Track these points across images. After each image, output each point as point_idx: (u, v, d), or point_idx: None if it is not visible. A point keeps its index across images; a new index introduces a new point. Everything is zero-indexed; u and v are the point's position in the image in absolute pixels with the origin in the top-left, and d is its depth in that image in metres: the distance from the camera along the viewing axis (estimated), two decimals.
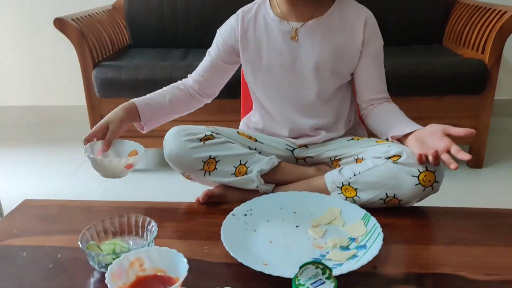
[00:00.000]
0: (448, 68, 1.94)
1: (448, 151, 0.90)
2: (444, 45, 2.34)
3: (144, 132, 1.17)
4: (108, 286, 0.68)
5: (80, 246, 0.79)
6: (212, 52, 1.18)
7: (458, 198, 1.81)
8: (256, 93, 1.17)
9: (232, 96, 1.43)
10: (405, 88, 1.94)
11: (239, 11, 1.15)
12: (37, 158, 2.35)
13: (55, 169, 2.20)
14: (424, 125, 0.99)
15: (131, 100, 1.12)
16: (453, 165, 0.87)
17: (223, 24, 1.18)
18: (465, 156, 0.87)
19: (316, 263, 0.57)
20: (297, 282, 0.55)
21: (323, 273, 0.56)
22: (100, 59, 2.07)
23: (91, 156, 1.00)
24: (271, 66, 1.11)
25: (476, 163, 2.11)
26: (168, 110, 1.18)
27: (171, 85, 1.20)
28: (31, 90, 2.79)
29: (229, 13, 1.18)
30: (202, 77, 1.19)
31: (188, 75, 1.22)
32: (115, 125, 1.05)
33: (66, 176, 2.12)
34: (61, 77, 2.73)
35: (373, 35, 1.11)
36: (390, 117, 1.09)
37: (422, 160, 0.92)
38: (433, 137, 0.94)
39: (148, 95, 1.16)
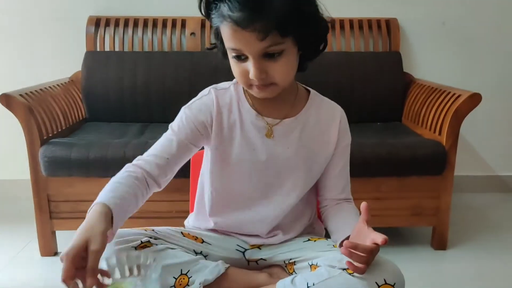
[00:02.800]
0: (409, 149, 1.93)
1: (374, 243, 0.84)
2: (404, 124, 2.37)
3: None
4: None
5: None
6: (178, 131, 1.01)
7: (423, 282, 1.74)
8: (218, 182, 1.05)
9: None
10: (367, 169, 1.91)
11: (211, 91, 1.03)
12: None
13: None
14: (386, 207, 0.93)
15: (102, 202, 0.84)
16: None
17: (191, 101, 1.04)
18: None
19: None
20: None
21: None
22: (50, 135, 1.96)
23: None
24: (243, 159, 1.02)
25: (440, 244, 2.06)
26: (133, 209, 0.93)
27: (125, 174, 0.95)
28: None
29: (191, 89, 1.10)
30: (166, 161, 0.99)
31: (141, 159, 1.00)
32: (98, 245, 0.75)
33: (3, 261, 1.93)
34: (6, 150, 2.58)
35: (345, 132, 1.08)
36: (340, 218, 1.03)
37: (354, 268, 0.85)
38: (359, 236, 0.89)
39: (111, 192, 0.89)
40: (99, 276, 0.75)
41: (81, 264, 0.73)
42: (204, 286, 0.95)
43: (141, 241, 0.93)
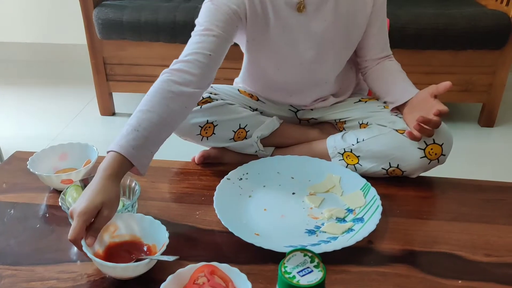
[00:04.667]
0: (469, 20, 1.82)
1: (439, 114, 0.85)
2: None
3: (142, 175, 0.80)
4: (85, 251, 0.66)
5: (60, 205, 0.77)
6: (212, 24, 0.89)
7: (467, 159, 1.77)
8: (258, 72, 1.05)
9: None
10: (420, 41, 1.84)
11: None
12: (37, 98, 2.31)
13: (56, 110, 2.17)
14: (436, 82, 0.92)
15: (113, 151, 0.75)
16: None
17: None
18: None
19: (304, 250, 0.54)
20: (283, 270, 0.52)
21: (312, 261, 0.53)
22: None
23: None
24: (281, 45, 0.98)
25: (487, 121, 2.04)
26: (169, 132, 0.84)
27: (158, 97, 0.82)
28: (31, 27, 2.70)
29: None
30: (209, 58, 0.86)
31: (179, 61, 0.87)
32: (112, 211, 0.71)
33: (67, 118, 2.09)
34: (62, 14, 2.63)
35: None
36: (389, 80, 1.02)
37: (413, 137, 0.88)
38: (423, 105, 0.89)
39: (133, 133, 0.77)
40: None
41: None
42: (260, 140, 1.01)
43: (202, 97, 0.97)
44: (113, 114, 2.11)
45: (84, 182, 0.80)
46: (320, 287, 0.51)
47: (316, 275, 0.52)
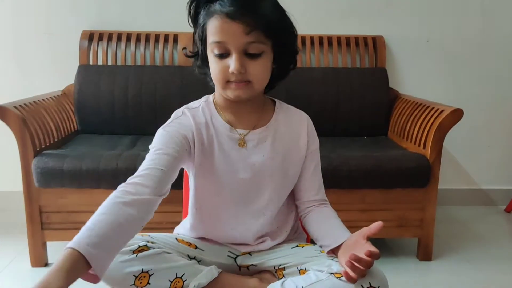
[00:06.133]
0: (393, 162, 1.99)
1: (369, 254, 0.87)
2: (390, 138, 2.43)
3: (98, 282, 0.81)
4: None
5: None
6: (164, 146, 0.98)
7: None
8: (203, 199, 1.10)
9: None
10: (353, 181, 1.96)
11: (185, 111, 1.07)
12: None
13: None
14: (371, 219, 0.97)
15: (69, 248, 0.75)
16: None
17: (167, 122, 1.06)
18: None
19: None
20: None
21: None
22: (43, 146, 1.99)
23: None
24: (223, 172, 1.06)
25: (425, 255, 2.11)
26: (124, 237, 0.86)
27: (112, 202, 0.86)
28: None
29: (182, 102, 1.13)
30: (162, 172, 0.94)
31: (135, 176, 0.93)
32: None
33: None
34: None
35: (313, 137, 1.15)
36: (324, 225, 1.08)
37: (349, 277, 0.90)
38: (355, 247, 0.93)
39: (88, 231, 0.79)
40: None
41: None
42: None
43: (139, 245, 0.97)
44: (46, 265, 1.98)
45: None
46: None
47: None
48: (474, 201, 2.83)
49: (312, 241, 1.13)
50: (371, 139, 2.40)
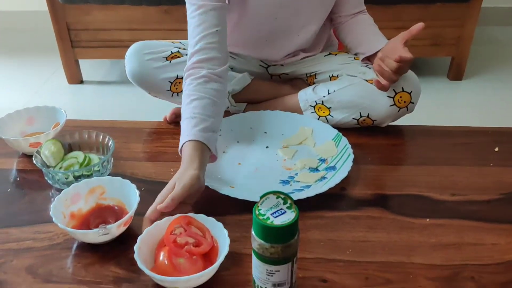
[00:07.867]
0: None
1: (399, 60, 0.84)
2: None
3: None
4: (59, 208, 0.67)
5: (34, 162, 0.76)
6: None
7: (436, 111, 1.81)
8: (237, 18, 0.99)
9: None
10: None
11: None
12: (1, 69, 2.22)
13: (21, 81, 2.10)
14: None
15: (191, 140, 0.76)
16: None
17: None
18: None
19: (277, 192, 0.55)
20: (257, 212, 0.53)
21: (284, 203, 0.54)
22: None
23: None
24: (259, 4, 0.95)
25: (456, 75, 2.08)
26: (219, 109, 0.85)
27: (194, 86, 0.82)
28: None
29: None
30: (217, 33, 0.85)
31: (194, 54, 0.85)
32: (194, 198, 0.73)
33: (33, 89, 2.03)
34: None
35: None
36: (361, 32, 1.02)
37: (380, 86, 0.88)
38: (392, 53, 0.88)
39: (192, 121, 0.78)
40: None
41: None
42: (232, 95, 1.01)
43: (171, 52, 0.96)
44: (81, 82, 2.05)
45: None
46: (293, 227, 0.52)
47: (289, 216, 0.53)
48: None
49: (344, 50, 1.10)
50: None
